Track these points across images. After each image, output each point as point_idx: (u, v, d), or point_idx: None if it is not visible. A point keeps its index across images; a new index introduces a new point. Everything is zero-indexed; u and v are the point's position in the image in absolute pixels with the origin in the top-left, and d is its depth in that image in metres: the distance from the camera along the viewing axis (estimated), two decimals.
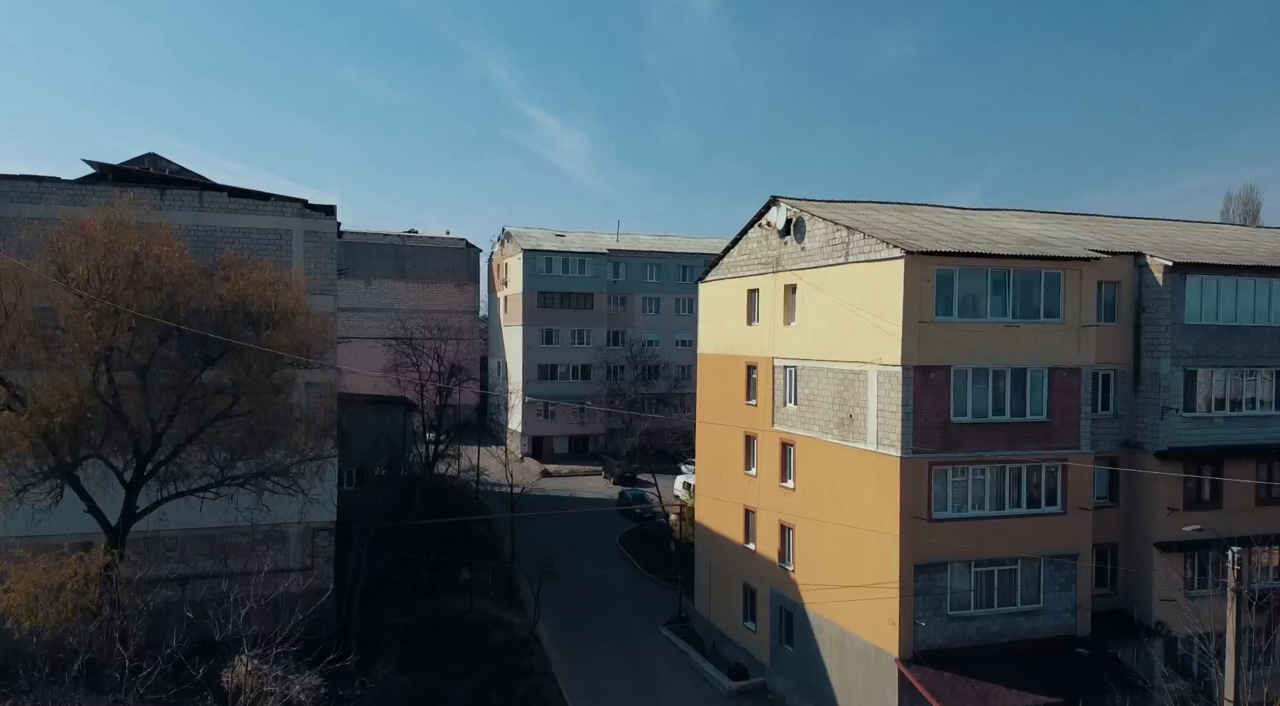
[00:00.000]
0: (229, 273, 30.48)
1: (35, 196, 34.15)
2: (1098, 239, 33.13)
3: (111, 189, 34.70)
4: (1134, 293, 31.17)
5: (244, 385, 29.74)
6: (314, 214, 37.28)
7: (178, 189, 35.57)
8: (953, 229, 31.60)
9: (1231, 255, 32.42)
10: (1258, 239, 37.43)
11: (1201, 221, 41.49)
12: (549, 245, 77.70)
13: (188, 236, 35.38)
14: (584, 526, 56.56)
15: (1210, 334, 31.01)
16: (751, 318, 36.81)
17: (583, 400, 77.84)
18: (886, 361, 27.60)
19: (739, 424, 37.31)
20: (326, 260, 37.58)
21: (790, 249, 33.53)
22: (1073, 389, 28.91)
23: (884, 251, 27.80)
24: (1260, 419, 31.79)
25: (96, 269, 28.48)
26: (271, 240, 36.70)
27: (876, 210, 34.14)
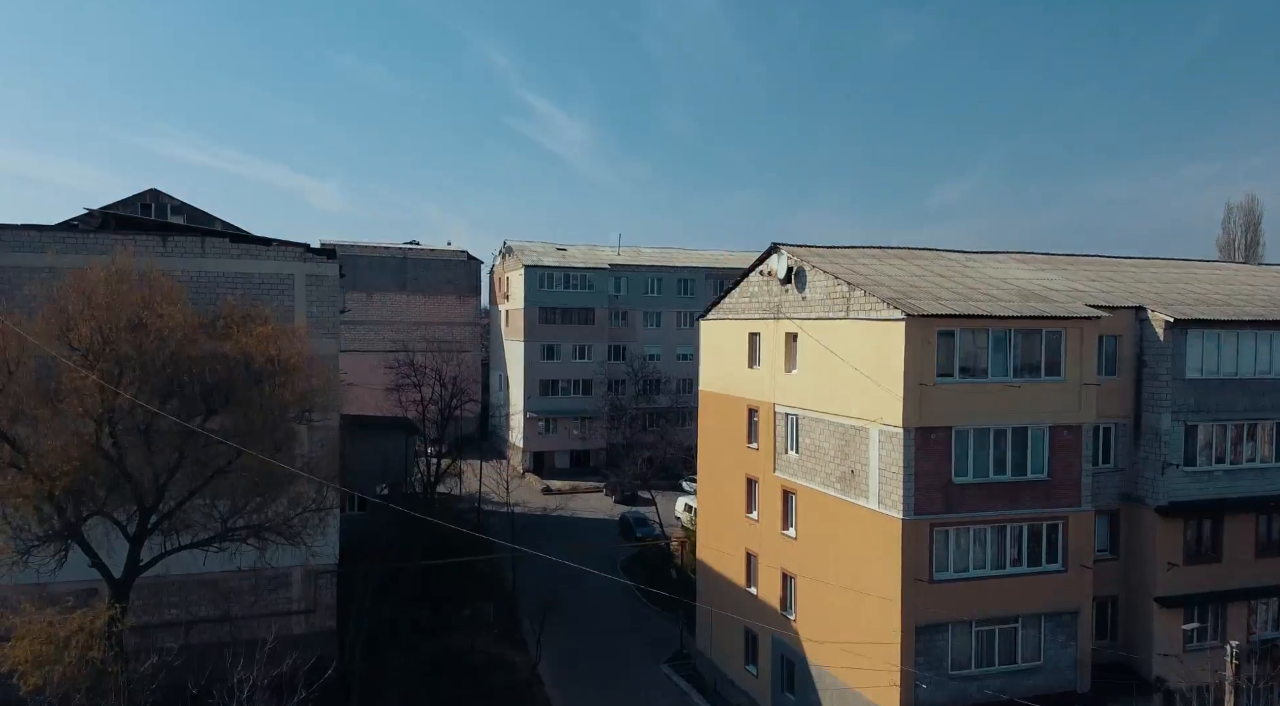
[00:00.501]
0: (232, 328, 30.57)
1: (37, 245, 34.14)
2: (1098, 289, 33.16)
3: (114, 237, 34.85)
4: (1135, 346, 31.21)
5: (247, 440, 29.87)
6: (316, 258, 37.39)
7: (180, 236, 35.56)
8: (954, 281, 31.62)
9: (1232, 307, 32.43)
10: (1259, 283, 37.42)
11: (1203, 260, 41.48)
12: (550, 260, 77.71)
13: (190, 282, 35.56)
14: (585, 550, 56.66)
15: (1211, 388, 31.07)
16: (753, 360, 36.86)
17: (584, 415, 78.00)
18: (888, 422, 27.66)
19: (740, 466, 37.41)
20: (329, 304, 37.65)
21: (791, 297, 33.56)
22: (1074, 446, 28.98)
23: (885, 311, 27.83)
24: (1260, 471, 31.86)
25: (99, 328, 28.57)
26: (274, 285, 36.74)
27: (877, 259, 34.15)
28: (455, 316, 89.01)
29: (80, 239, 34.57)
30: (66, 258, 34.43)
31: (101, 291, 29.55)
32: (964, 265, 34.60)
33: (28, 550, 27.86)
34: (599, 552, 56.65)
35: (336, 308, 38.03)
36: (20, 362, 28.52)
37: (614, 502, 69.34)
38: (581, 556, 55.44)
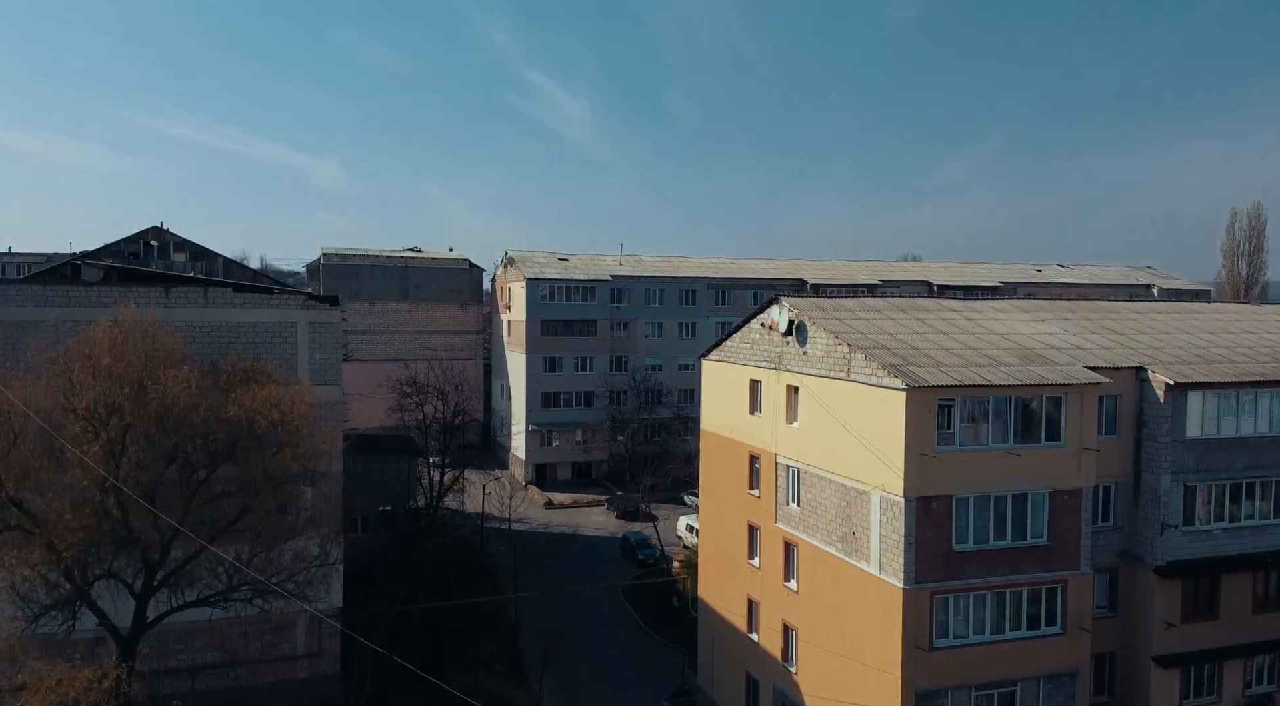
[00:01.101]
0: (235, 388, 30.73)
1: (40, 300, 34.28)
2: (1099, 343, 33.23)
3: (117, 289, 34.97)
4: (1135, 406, 31.32)
5: (250, 501, 30.16)
6: (318, 305, 37.44)
7: (183, 287, 35.62)
8: (954, 339, 31.69)
9: (1233, 364, 32.50)
10: (1260, 329, 37.43)
11: (1206, 304, 41.45)
12: (552, 272, 77.69)
13: (193, 332, 35.78)
14: (587, 573, 57.06)
15: (1211, 447, 31.21)
16: (754, 407, 36.97)
17: (586, 427, 78.23)
18: (889, 490, 27.82)
19: (742, 511, 37.61)
20: (331, 349, 37.74)
21: (792, 350, 33.63)
22: (1074, 511, 29.15)
23: (886, 378, 27.92)
24: (1258, 528, 32.05)
25: (103, 395, 28.73)
26: (276, 333, 36.86)
27: (878, 312, 34.19)
28: (457, 325, 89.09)
29: (83, 293, 34.67)
30: (71, 311, 34.73)
31: (105, 355, 29.74)
32: (965, 318, 34.64)
33: (36, 618, 28.22)
34: (601, 574, 57.01)
35: (339, 353, 38.11)
36: (25, 426, 28.78)
37: (615, 517, 69.63)
38: (583, 579, 55.98)
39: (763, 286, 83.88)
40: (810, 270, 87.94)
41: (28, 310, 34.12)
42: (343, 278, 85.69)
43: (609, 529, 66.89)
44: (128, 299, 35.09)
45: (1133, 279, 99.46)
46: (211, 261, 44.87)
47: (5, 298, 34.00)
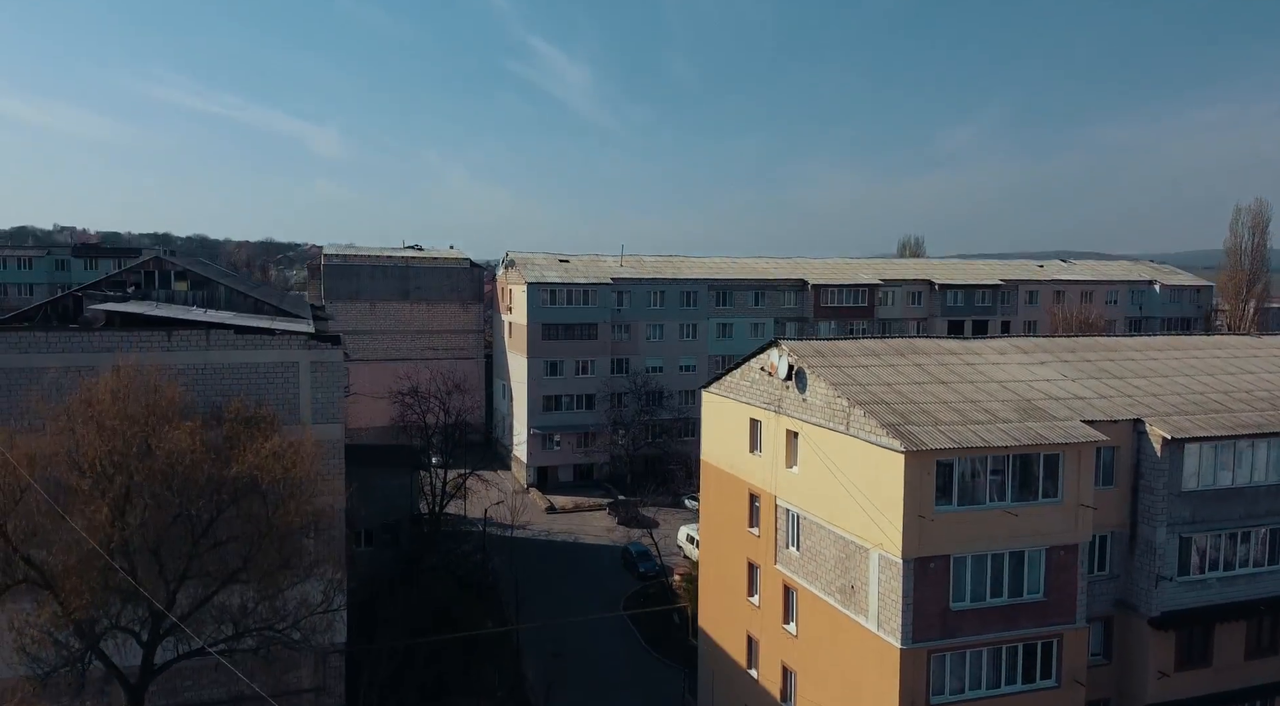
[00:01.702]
0: (238, 438, 30.97)
1: (42, 346, 34.39)
2: (1096, 389, 33.38)
3: (119, 335, 35.08)
4: (1133, 458, 31.52)
5: (254, 548, 30.55)
6: (320, 344, 37.51)
7: (185, 329, 35.72)
8: (953, 389, 31.81)
9: (1230, 412, 32.64)
10: (1260, 368, 37.54)
11: (1205, 338, 41.48)
12: (553, 275, 77.64)
13: (195, 374, 35.97)
14: (589, 586, 57.59)
15: (1207, 499, 31.45)
16: (754, 446, 37.18)
17: (587, 430, 78.55)
18: (887, 550, 28.09)
19: (742, 548, 37.94)
20: (333, 388, 37.88)
21: (792, 395, 33.78)
22: (1069, 566, 29.46)
23: (885, 438, 28.10)
24: (1252, 576, 32.35)
25: (108, 454, 29.00)
26: (278, 373, 36.99)
27: (877, 357, 34.29)
28: (458, 324, 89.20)
29: (85, 338, 34.77)
30: (73, 357, 34.87)
31: (109, 412, 29.97)
32: (964, 362, 34.74)
33: (47, 675, 28.66)
34: (602, 587, 57.52)
35: (341, 391, 38.26)
36: (30, 484, 29.07)
37: (617, 523, 70.11)
38: (585, 593, 56.55)
39: (764, 287, 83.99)
40: (811, 269, 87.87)
41: (30, 357, 34.23)
42: (343, 278, 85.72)
43: (610, 536, 67.35)
44: (129, 344, 35.38)
45: (1135, 274, 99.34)
46: (213, 289, 44.84)
47: (7, 344, 34.08)
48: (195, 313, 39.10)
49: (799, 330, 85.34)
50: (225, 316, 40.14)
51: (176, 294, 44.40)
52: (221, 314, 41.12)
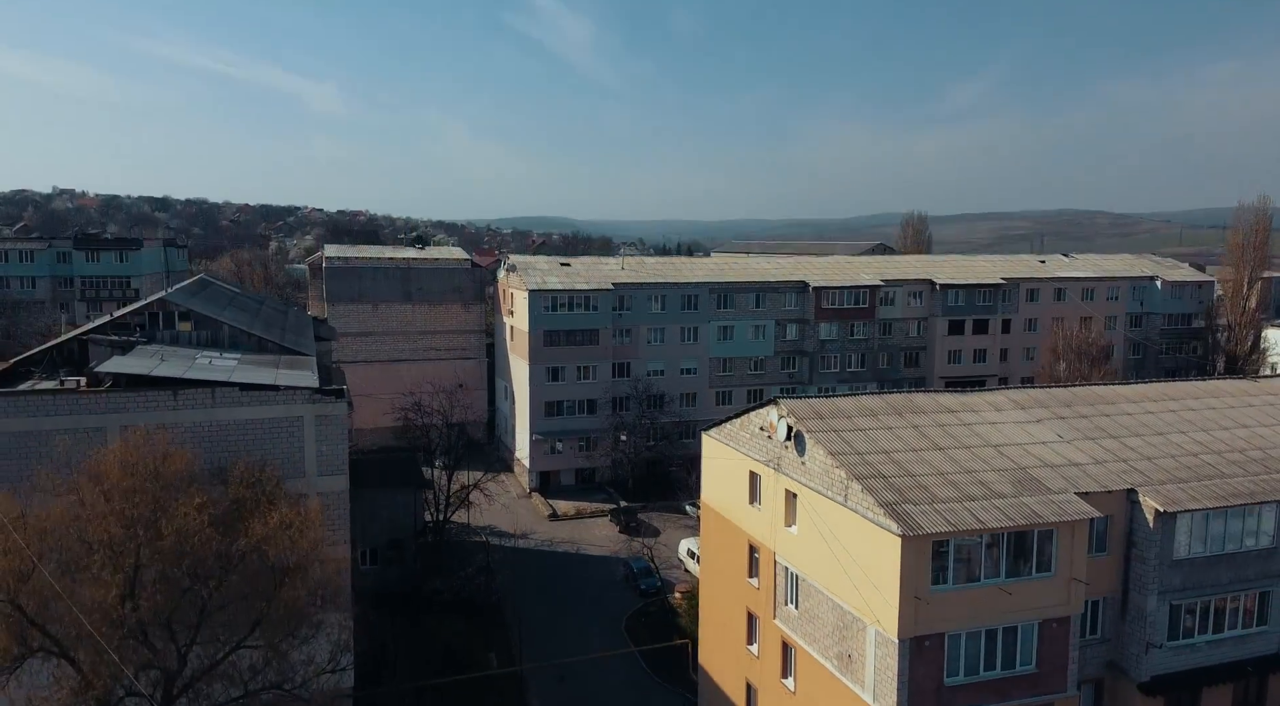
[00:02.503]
0: (246, 516, 31.48)
1: (50, 409, 34.80)
2: (1092, 451, 33.79)
3: (126, 395, 35.48)
4: (1126, 526, 32.02)
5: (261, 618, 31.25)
6: (324, 398, 37.88)
7: (190, 389, 36.09)
8: (950, 457, 32.21)
9: (1223, 478, 33.05)
10: (1254, 421, 37.89)
11: (1202, 384, 41.73)
12: (555, 281, 77.73)
13: (201, 432, 36.45)
14: (591, 603, 58.40)
15: (1197, 566, 32.00)
16: (753, 498, 37.67)
17: (589, 435, 79.15)
18: (884, 627, 28.68)
19: (741, 597, 38.58)
20: (337, 441, 38.35)
21: (791, 456, 34.20)
22: (1062, 637, 30.08)
23: (882, 518, 28.57)
24: (1240, 638, 33.00)
25: (119, 531, 29.53)
26: (283, 428, 37.47)
27: (874, 417, 34.66)
28: (460, 324, 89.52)
29: (92, 400, 35.17)
30: (80, 418, 35.32)
31: (118, 487, 30.49)
32: (961, 422, 35.10)
33: None
34: (603, 605, 58.31)
35: (345, 443, 38.72)
36: (42, 555, 29.70)
37: (618, 531, 70.90)
38: (586, 610, 57.40)
39: (765, 289, 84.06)
40: (812, 270, 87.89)
41: (38, 420, 34.67)
42: (345, 280, 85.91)
43: (612, 547, 68.14)
44: (136, 405, 35.80)
45: (1136, 270, 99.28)
46: (216, 329, 45.13)
47: (15, 408, 34.49)
48: (200, 364, 39.39)
49: (800, 331, 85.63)
50: (229, 365, 40.46)
51: (181, 335, 44.72)
52: (226, 360, 41.43)
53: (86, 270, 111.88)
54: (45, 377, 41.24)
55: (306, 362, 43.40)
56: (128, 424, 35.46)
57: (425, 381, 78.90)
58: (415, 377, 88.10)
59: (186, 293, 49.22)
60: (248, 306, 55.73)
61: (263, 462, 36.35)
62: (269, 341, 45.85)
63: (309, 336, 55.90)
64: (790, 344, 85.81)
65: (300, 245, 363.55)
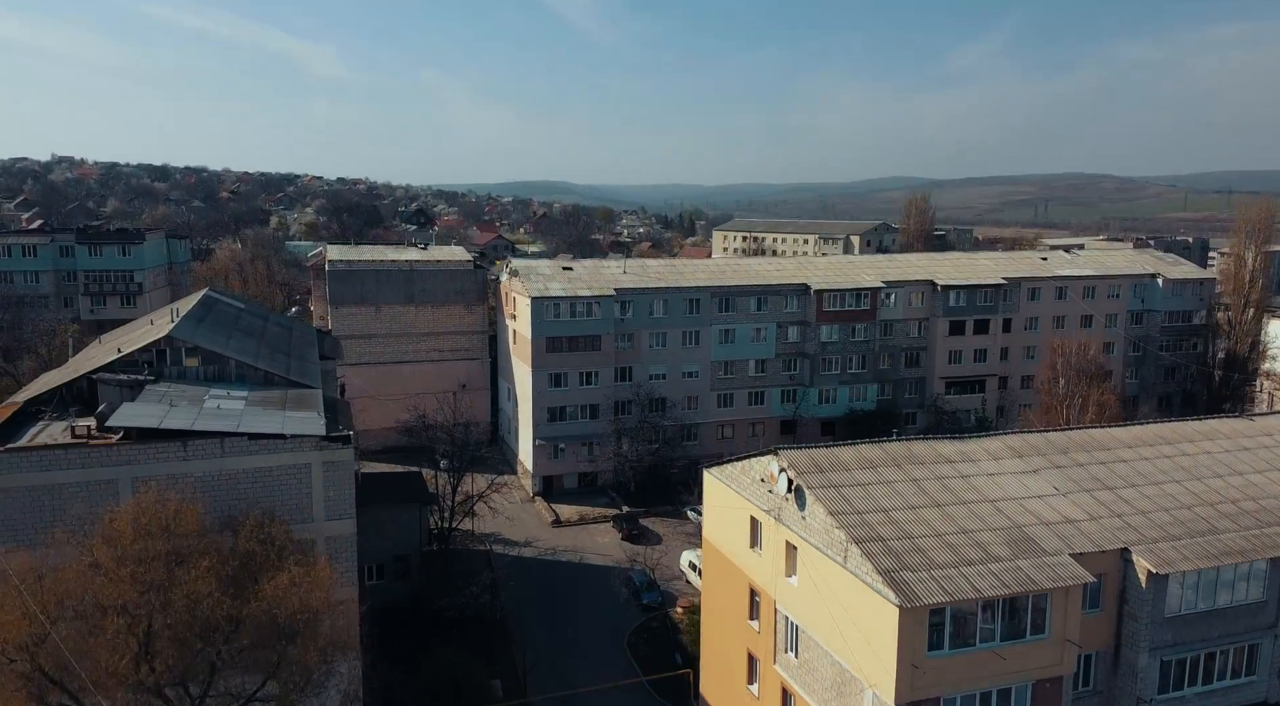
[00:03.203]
0: (258, 576, 32.18)
1: (63, 463, 35.36)
2: (1087, 507, 34.38)
3: (137, 447, 36.04)
4: (1119, 584, 32.66)
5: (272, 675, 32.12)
6: (331, 445, 38.43)
7: (200, 439, 36.63)
8: (948, 516, 32.79)
9: (1215, 534, 33.65)
10: (1249, 462, 38.43)
11: (1199, 425, 42.16)
12: (557, 288, 77.98)
13: (211, 481, 37.08)
14: (594, 617, 59.31)
15: (1188, 622, 32.70)
16: (754, 542, 38.32)
17: (591, 440, 79.83)
18: (880, 692, 29.42)
19: (742, 637, 39.38)
20: (345, 486, 38.98)
21: (791, 509, 34.80)
22: (1054, 696, 30.87)
23: (880, 586, 29.21)
24: (1230, 688, 33.77)
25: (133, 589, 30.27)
26: (291, 475, 38.08)
27: (874, 472, 35.20)
28: (463, 325, 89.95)
29: (103, 453, 35.71)
30: (92, 471, 35.91)
31: (131, 551, 31.20)
32: (959, 475, 35.64)
33: None
34: (606, 620, 59.20)
35: (352, 488, 39.33)
36: (58, 617, 30.50)
37: (620, 538, 71.77)
38: (590, 624, 58.36)
39: (766, 292, 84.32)
40: (814, 272, 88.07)
41: (51, 475, 35.26)
42: (348, 283, 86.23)
43: (614, 555, 69.03)
44: (147, 456, 36.38)
45: (1138, 267, 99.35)
46: (223, 365, 45.53)
47: (28, 463, 35.05)
48: (209, 408, 39.87)
49: (801, 333, 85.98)
50: (237, 407, 40.95)
51: (188, 371, 45.16)
52: (234, 400, 41.90)
53: (90, 264, 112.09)
54: (55, 418, 41.82)
55: (313, 400, 43.86)
56: (139, 475, 36.17)
57: (429, 393, 79.51)
58: (419, 379, 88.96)
59: (193, 321, 49.55)
60: (253, 328, 56.09)
61: (272, 513, 37.04)
62: (275, 375, 46.31)
63: (314, 358, 56.33)
64: (791, 346, 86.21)
65: (301, 220, 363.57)
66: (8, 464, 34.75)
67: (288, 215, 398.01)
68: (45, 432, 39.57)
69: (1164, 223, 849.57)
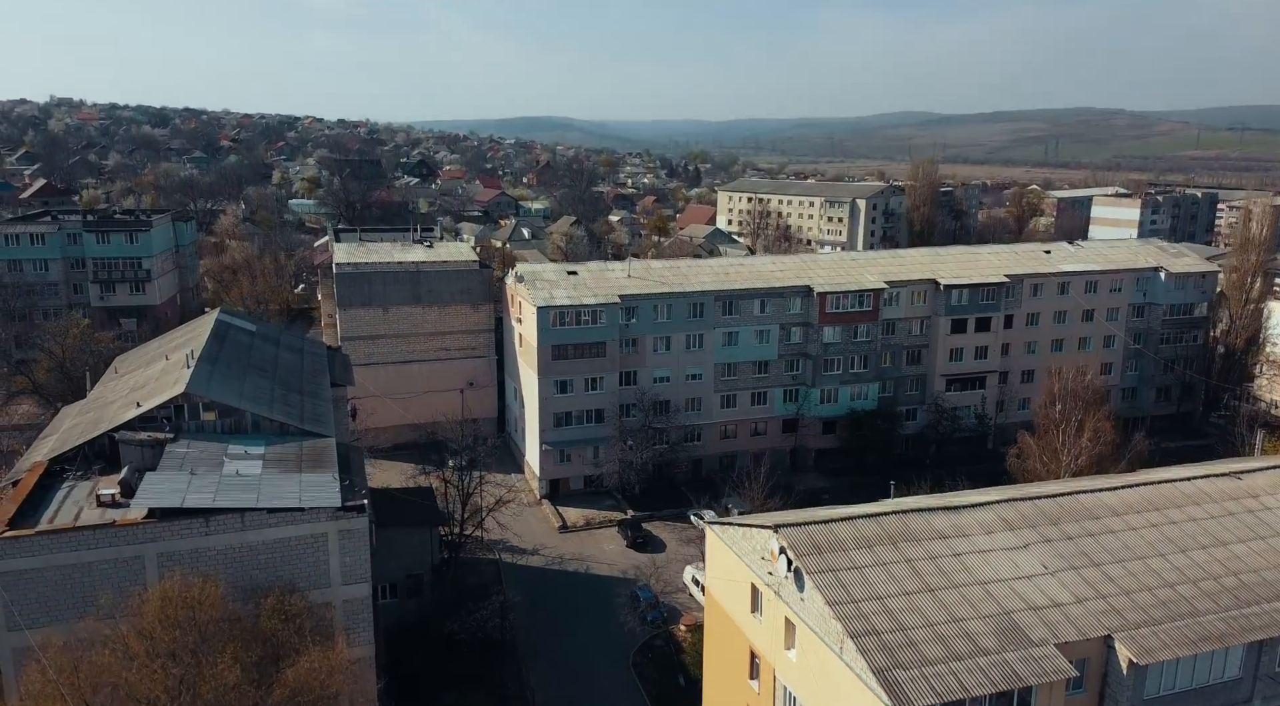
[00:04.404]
0: (280, 659, 33.87)
1: (92, 543, 36.89)
2: (1075, 588, 35.73)
3: (160, 525, 37.53)
4: (1102, 666, 34.17)
5: None
6: (346, 515, 39.91)
7: (221, 515, 38.10)
8: (940, 603, 34.19)
9: (1195, 614, 35.08)
10: (1235, 528, 39.72)
11: (1192, 488, 43.28)
12: (562, 295, 78.80)
13: (233, 554, 38.66)
14: (598, 633, 61.39)
15: (1166, 702, 34.29)
16: (755, 607, 39.87)
17: (597, 444, 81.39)
18: None
19: (743, 695, 41.17)
20: (360, 552, 40.55)
21: (790, 588, 36.26)
22: None
23: (874, 684, 30.78)
24: None
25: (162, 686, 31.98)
26: (308, 544, 39.69)
27: (870, 553, 36.52)
28: (469, 324, 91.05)
29: (130, 532, 37.23)
30: (119, 549, 37.46)
31: (161, 643, 32.86)
32: (953, 553, 36.96)
33: None
34: (610, 636, 61.24)
35: (367, 553, 40.86)
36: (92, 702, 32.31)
37: (625, 546, 73.70)
38: (595, 641, 60.45)
39: (770, 294, 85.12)
40: (818, 272, 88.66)
41: (79, 554, 36.82)
42: (356, 286, 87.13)
43: (620, 564, 70.99)
44: (171, 533, 37.90)
45: (1141, 261, 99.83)
46: (239, 417, 46.84)
47: (58, 544, 36.58)
48: (229, 476, 41.19)
49: (803, 334, 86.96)
50: (254, 471, 42.29)
51: (206, 424, 46.51)
52: (252, 461, 43.24)
53: (97, 252, 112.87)
54: (80, 477, 43.36)
55: (327, 456, 45.12)
56: (164, 551, 37.81)
57: (437, 391, 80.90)
58: (427, 377, 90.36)
59: (208, 364, 50.53)
60: (266, 360, 57.22)
61: (291, 584, 38.72)
62: (290, 426, 47.61)
63: (325, 388, 57.63)
64: (794, 347, 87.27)
65: (303, 174, 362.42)
66: (42, 545, 36.34)
67: (289, 167, 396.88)
68: (70, 498, 41.17)
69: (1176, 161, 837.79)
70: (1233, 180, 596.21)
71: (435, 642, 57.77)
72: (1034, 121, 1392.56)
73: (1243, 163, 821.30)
